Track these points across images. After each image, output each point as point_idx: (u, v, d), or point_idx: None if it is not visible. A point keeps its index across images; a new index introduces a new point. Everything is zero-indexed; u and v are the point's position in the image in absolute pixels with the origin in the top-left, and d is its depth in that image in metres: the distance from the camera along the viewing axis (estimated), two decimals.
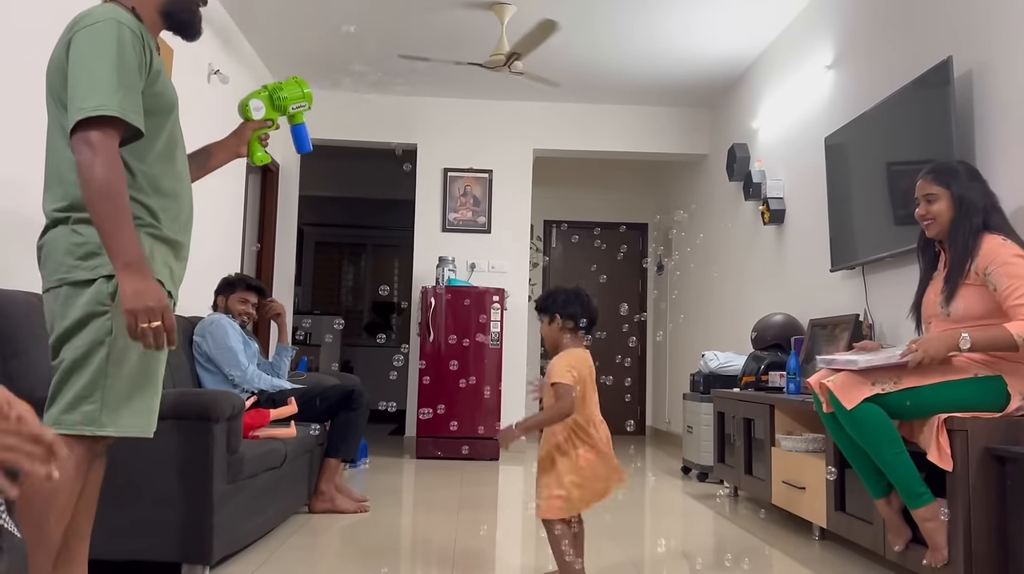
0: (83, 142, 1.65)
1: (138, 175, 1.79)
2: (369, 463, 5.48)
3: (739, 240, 5.73)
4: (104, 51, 1.68)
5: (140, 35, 1.75)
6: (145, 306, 1.63)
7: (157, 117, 1.81)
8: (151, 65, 1.78)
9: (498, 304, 5.99)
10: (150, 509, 2.46)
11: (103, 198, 1.64)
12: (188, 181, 1.95)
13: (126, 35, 1.71)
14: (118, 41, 1.69)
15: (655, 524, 4.04)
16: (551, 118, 6.58)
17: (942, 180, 2.59)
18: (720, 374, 4.92)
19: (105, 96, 1.65)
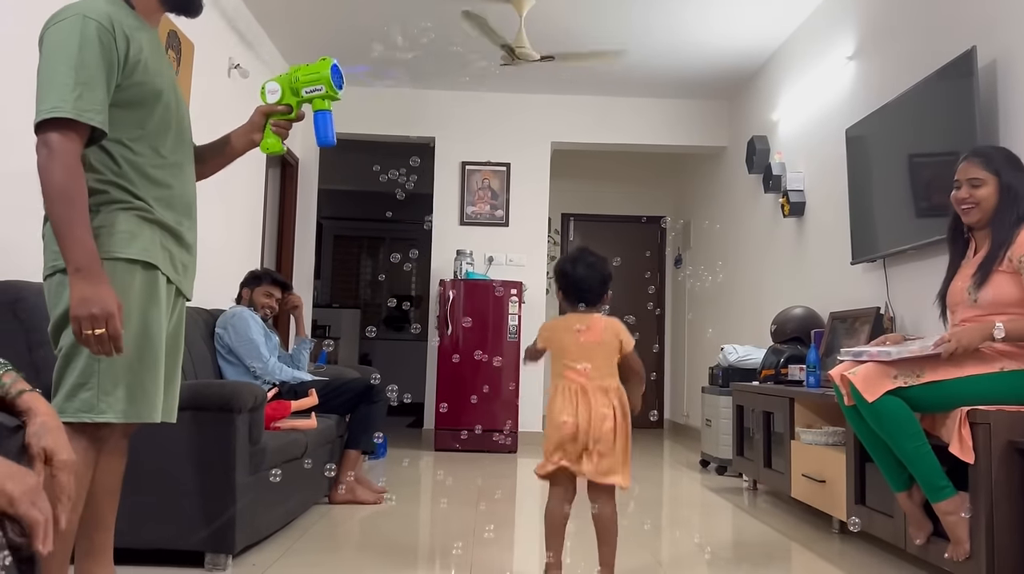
0: (42, 144, 1.66)
1: (123, 164, 1.78)
2: (387, 455, 5.52)
3: (758, 233, 5.71)
4: (64, 49, 1.67)
5: (111, 27, 1.72)
6: (89, 313, 1.61)
7: (140, 107, 1.80)
8: (127, 56, 1.75)
9: (516, 297, 6.00)
10: (174, 499, 2.49)
11: (58, 201, 1.64)
12: (185, 169, 1.93)
13: (91, 30, 1.69)
14: (80, 37, 1.68)
15: (675, 517, 4.04)
16: (569, 111, 6.57)
17: (991, 166, 2.54)
18: (739, 367, 4.90)
19: (60, 97, 1.64)
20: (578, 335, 2.40)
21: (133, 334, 1.74)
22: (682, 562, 2.96)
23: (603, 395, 2.36)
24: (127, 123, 1.78)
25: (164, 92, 1.87)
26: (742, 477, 4.64)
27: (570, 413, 2.33)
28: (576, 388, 2.37)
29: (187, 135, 1.97)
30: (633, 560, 2.86)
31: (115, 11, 1.77)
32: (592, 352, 2.39)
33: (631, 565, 2.79)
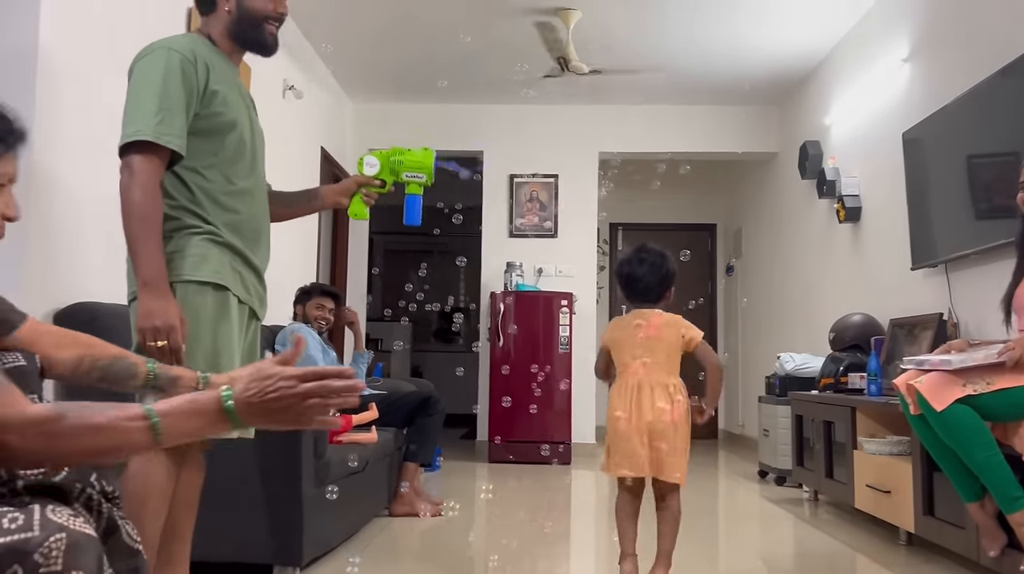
0: (124, 166, 1.77)
1: (195, 190, 1.86)
2: (442, 467, 5.55)
3: (813, 239, 5.63)
4: (150, 79, 1.78)
5: (193, 60, 1.83)
6: (152, 325, 1.70)
7: (216, 135, 1.89)
8: (206, 87, 1.85)
9: (566, 308, 6.00)
10: (243, 513, 2.55)
11: (134, 219, 1.74)
12: (256, 196, 2.00)
13: (174, 61, 1.80)
14: (165, 68, 1.79)
15: (734, 529, 4.00)
16: (616, 121, 6.56)
17: None
18: (797, 376, 4.83)
19: (143, 122, 1.75)
20: (637, 330, 2.41)
21: (206, 352, 1.80)
22: None
23: (662, 390, 2.36)
24: (202, 151, 1.86)
25: (239, 124, 1.95)
26: (802, 488, 4.56)
27: (623, 408, 2.35)
28: (633, 383, 2.37)
29: (260, 165, 2.05)
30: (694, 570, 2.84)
31: (198, 46, 1.89)
32: (652, 347, 2.39)
33: None
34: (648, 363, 2.37)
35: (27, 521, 0.94)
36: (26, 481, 1.08)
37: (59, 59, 2.63)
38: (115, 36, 2.92)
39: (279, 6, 1.97)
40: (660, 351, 2.39)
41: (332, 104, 5.99)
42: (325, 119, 5.78)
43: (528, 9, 4.77)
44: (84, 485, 1.12)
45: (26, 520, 0.94)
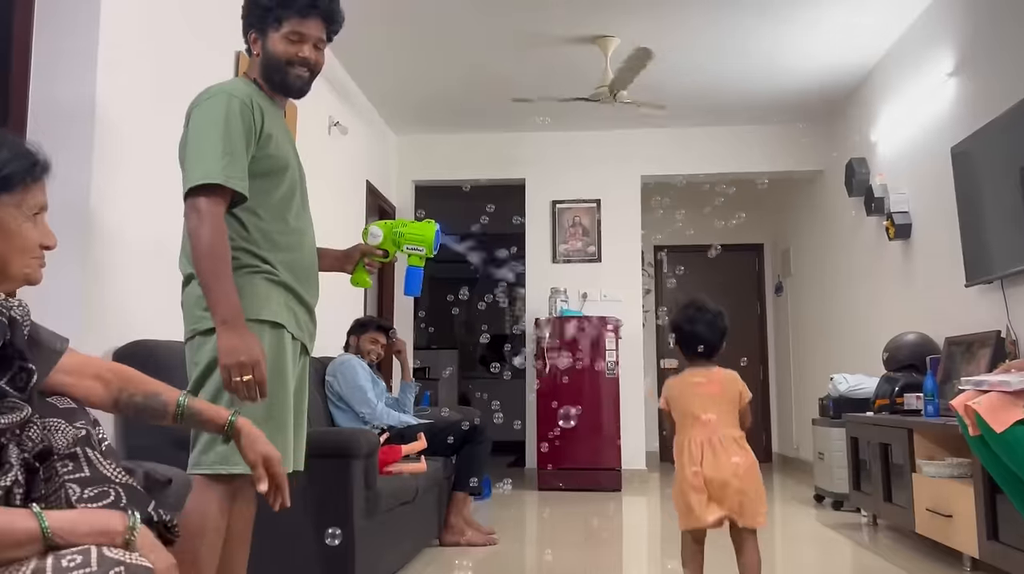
0: (192, 208, 1.81)
1: (252, 230, 1.91)
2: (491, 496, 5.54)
3: (863, 257, 5.53)
4: (212, 123, 1.84)
5: (251, 104, 1.89)
6: (237, 361, 1.73)
7: (270, 176, 1.94)
8: (261, 130, 1.91)
9: (612, 333, 5.98)
10: (294, 543, 2.58)
11: (207, 259, 1.78)
12: (307, 235, 2.05)
13: (235, 106, 1.85)
14: (226, 112, 1.84)
15: (792, 555, 3.91)
16: (658, 144, 6.56)
17: None
18: (851, 398, 4.73)
19: (210, 166, 1.80)
20: (698, 387, 2.52)
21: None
22: None
23: (732, 443, 2.46)
24: (258, 192, 1.91)
25: (290, 165, 2.01)
26: (860, 512, 4.45)
27: (697, 463, 2.44)
28: (702, 438, 2.46)
29: (307, 204, 2.10)
30: None
31: (253, 91, 1.96)
32: (717, 402, 2.50)
33: None
34: (714, 419, 2.46)
35: (85, 559, 0.98)
36: None
37: (114, 110, 2.73)
38: (166, 85, 3.03)
39: (301, 51, 1.97)
40: (724, 405, 2.50)
41: (376, 138, 6.11)
42: (370, 153, 5.89)
43: (568, 39, 4.82)
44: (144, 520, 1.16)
45: (84, 558, 0.98)
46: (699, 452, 2.44)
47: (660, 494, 5.82)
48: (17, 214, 1.20)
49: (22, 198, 1.21)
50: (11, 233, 1.20)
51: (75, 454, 1.18)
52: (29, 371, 1.19)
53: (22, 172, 1.21)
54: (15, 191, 1.20)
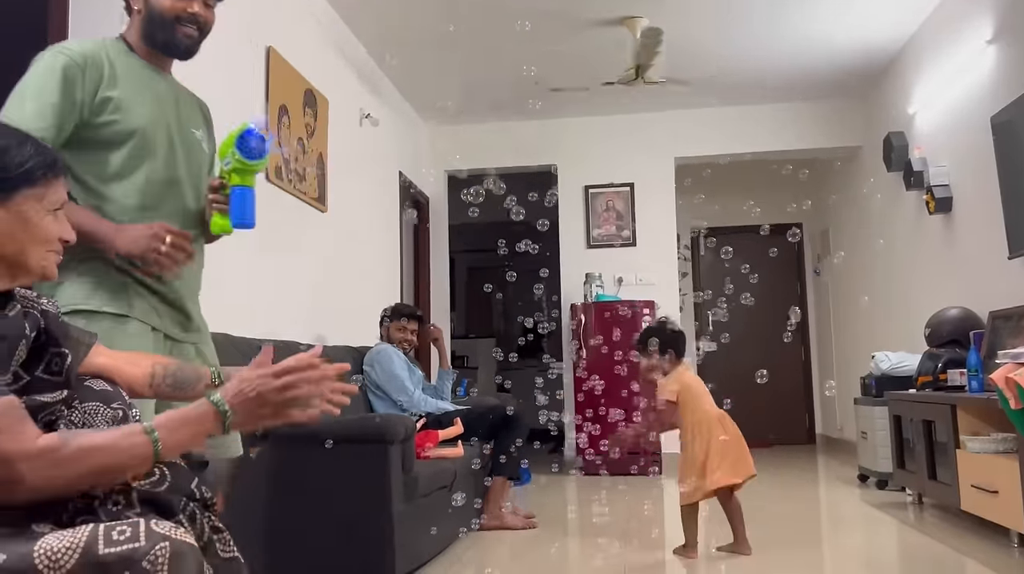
0: None
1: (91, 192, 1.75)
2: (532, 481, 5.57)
3: (903, 233, 5.43)
4: (27, 82, 1.69)
5: (84, 65, 1.71)
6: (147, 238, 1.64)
7: (112, 146, 1.75)
8: (96, 93, 1.72)
9: (649, 316, 5.95)
10: (335, 528, 2.63)
11: None
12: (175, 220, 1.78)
13: (57, 64, 1.69)
14: (45, 71, 1.69)
15: (837, 536, 3.88)
16: (691, 125, 6.50)
17: None
18: (893, 375, 4.65)
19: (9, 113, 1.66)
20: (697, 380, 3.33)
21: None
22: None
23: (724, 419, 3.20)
24: (95, 162, 1.74)
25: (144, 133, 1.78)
26: (905, 491, 4.39)
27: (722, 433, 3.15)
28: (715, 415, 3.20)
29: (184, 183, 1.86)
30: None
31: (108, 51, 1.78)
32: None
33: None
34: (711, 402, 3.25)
35: (134, 533, 1.02)
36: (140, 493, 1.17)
37: None
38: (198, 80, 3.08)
39: (190, 6, 1.80)
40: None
41: (407, 128, 6.14)
42: (401, 144, 5.92)
43: (593, 21, 4.79)
44: (188, 499, 1.20)
45: (133, 532, 1.03)
46: (720, 426, 3.14)
47: None
48: (39, 207, 1.24)
49: (43, 192, 1.24)
50: (32, 225, 1.24)
51: None
52: (63, 355, 1.24)
53: (43, 167, 1.25)
54: (37, 185, 1.24)
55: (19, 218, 1.22)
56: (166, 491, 1.17)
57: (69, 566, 0.99)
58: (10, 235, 1.22)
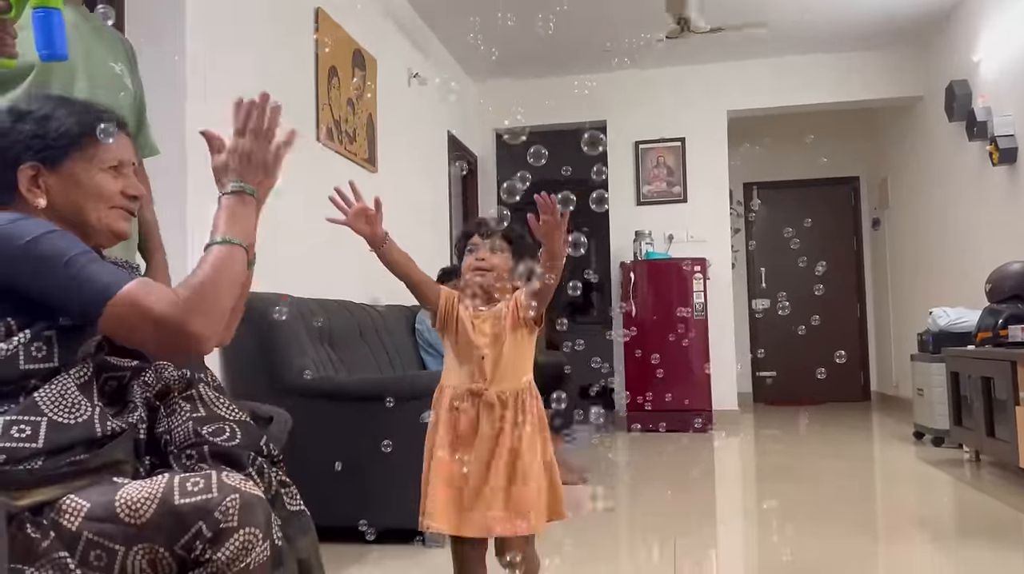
0: None
1: None
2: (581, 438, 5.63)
3: (964, 185, 5.26)
4: None
5: None
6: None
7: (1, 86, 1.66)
8: None
9: (700, 274, 5.91)
10: (391, 480, 2.71)
11: None
12: None
13: None
14: None
15: (892, 494, 3.85)
16: (744, 77, 6.35)
17: None
18: (951, 331, 4.55)
19: None
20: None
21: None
22: (904, 539, 2.83)
23: None
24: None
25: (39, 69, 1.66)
26: (962, 448, 4.32)
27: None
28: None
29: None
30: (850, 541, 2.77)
31: None
32: None
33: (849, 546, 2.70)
34: None
35: (207, 484, 1.08)
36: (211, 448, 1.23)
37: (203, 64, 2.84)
38: (247, 44, 3.12)
39: None
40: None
41: (455, 87, 6.13)
42: (450, 103, 5.92)
43: None
44: (255, 453, 1.26)
45: (206, 483, 1.08)
46: None
47: (753, 434, 5.79)
48: (89, 167, 1.26)
49: (93, 152, 1.27)
50: (82, 183, 1.26)
51: (191, 395, 1.29)
52: None
53: (86, 127, 1.26)
54: (84, 146, 1.26)
55: (71, 181, 1.25)
56: (236, 446, 1.23)
57: (148, 515, 1.06)
58: (66, 198, 1.25)
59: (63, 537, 1.06)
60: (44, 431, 1.09)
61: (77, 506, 1.07)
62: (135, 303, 1.12)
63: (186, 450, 1.21)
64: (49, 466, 1.09)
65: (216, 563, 1.05)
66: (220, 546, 1.05)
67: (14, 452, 1.07)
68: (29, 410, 1.10)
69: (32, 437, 1.08)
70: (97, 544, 1.05)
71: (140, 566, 1.06)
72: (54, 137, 1.24)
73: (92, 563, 1.05)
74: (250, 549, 1.07)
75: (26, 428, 1.09)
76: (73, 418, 1.13)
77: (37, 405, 1.11)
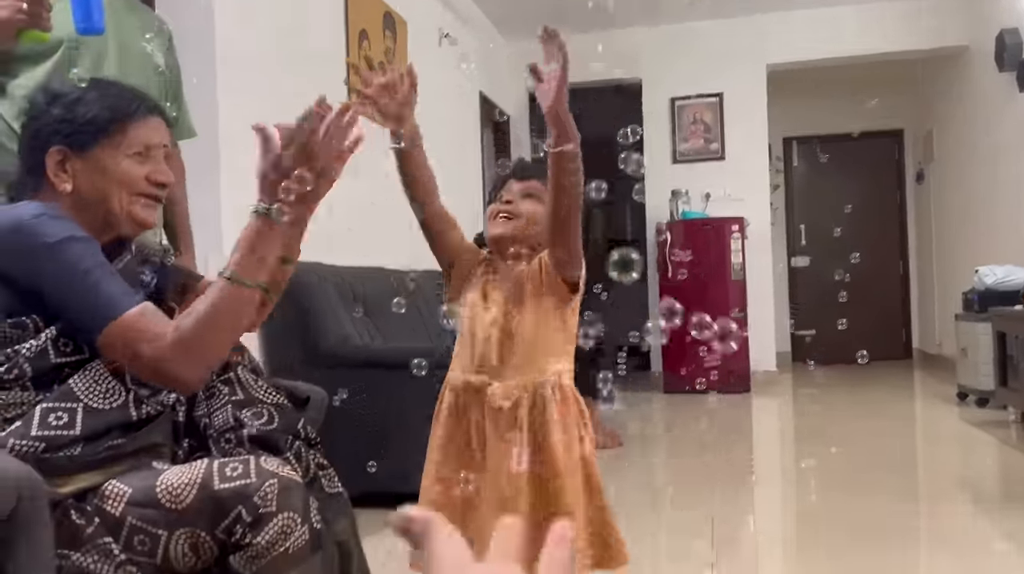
0: None
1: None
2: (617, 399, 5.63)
3: (1014, 138, 5.07)
4: None
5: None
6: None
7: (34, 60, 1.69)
8: None
9: (738, 233, 5.82)
10: None
11: None
12: None
13: None
14: None
15: (934, 454, 3.81)
16: (783, 28, 6.15)
17: None
18: (998, 290, 4.44)
19: None
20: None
21: None
22: (946, 502, 2.79)
23: None
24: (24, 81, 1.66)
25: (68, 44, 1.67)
26: (1007, 409, 4.24)
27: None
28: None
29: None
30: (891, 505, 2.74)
31: None
32: None
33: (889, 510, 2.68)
34: None
35: (245, 470, 1.10)
36: (250, 433, 1.24)
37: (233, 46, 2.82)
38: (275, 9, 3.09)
39: None
40: None
41: (487, 47, 6.04)
42: (481, 63, 5.84)
43: None
44: (293, 437, 1.27)
45: (244, 469, 1.10)
46: None
47: (792, 395, 5.74)
48: (116, 153, 1.23)
49: (120, 139, 1.23)
50: (107, 169, 1.23)
51: (229, 379, 1.30)
52: (171, 310, 1.29)
53: (114, 112, 1.24)
54: (112, 132, 1.23)
55: (96, 167, 1.22)
56: (274, 431, 1.24)
57: (188, 500, 1.08)
58: (91, 185, 1.22)
59: (107, 523, 1.08)
60: (80, 417, 1.11)
61: (120, 492, 1.09)
62: (126, 336, 1.12)
63: (225, 434, 1.23)
64: (88, 452, 1.11)
65: (256, 547, 1.07)
66: (260, 530, 1.07)
67: (53, 440, 1.09)
68: (65, 397, 1.12)
69: (69, 424, 1.10)
70: (140, 529, 1.07)
71: (183, 550, 1.08)
72: (81, 122, 1.22)
73: (136, 548, 1.07)
74: (289, 533, 1.08)
75: (63, 415, 1.10)
76: (108, 403, 1.14)
77: (73, 392, 1.13)
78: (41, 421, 1.09)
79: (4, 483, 0.98)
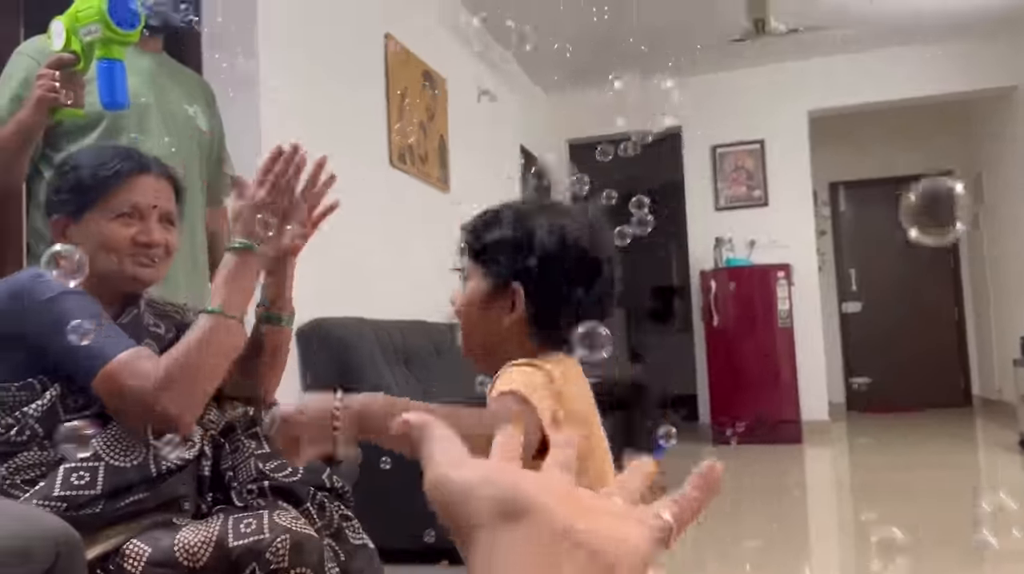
0: None
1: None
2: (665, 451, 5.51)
3: None
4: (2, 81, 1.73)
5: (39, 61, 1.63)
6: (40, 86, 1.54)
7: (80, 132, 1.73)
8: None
9: (784, 280, 5.72)
10: None
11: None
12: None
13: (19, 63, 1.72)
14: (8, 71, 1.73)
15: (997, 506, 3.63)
16: (824, 74, 6.13)
17: None
18: None
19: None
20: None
21: None
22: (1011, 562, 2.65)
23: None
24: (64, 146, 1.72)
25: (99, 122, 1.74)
26: None
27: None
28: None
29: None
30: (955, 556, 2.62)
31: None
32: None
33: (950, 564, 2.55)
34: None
35: (259, 525, 1.09)
36: (272, 483, 1.24)
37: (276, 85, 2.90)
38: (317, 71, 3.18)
39: None
40: None
41: (526, 101, 6.13)
42: (521, 117, 5.92)
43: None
44: (316, 488, 1.26)
45: (258, 525, 1.09)
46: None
47: (847, 445, 5.56)
48: (99, 218, 1.26)
49: (104, 202, 1.26)
50: (93, 234, 1.26)
51: (255, 433, 1.31)
52: None
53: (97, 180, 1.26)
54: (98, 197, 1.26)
55: (88, 232, 1.26)
56: (297, 482, 1.24)
57: (205, 559, 1.07)
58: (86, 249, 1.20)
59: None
60: (102, 475, 1.13)
61: (139, 551, 1.10)
62: (116, 378, 1.14)
63: (247, 486, 1.22)
64: (109, 509, 1.12)
65: None
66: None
67: (74, 499, 1.10)
68: (88, 456, 1.13)
69: (91, 483, 1.12)
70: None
71: None
72: (69, 190, 1.27)
73: None
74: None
75: (85, 475, 1.12)
76: (129, 461, 1.15)
77: (95, 451, 1.14)
78: (64, 481, 1.11)
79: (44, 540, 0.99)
